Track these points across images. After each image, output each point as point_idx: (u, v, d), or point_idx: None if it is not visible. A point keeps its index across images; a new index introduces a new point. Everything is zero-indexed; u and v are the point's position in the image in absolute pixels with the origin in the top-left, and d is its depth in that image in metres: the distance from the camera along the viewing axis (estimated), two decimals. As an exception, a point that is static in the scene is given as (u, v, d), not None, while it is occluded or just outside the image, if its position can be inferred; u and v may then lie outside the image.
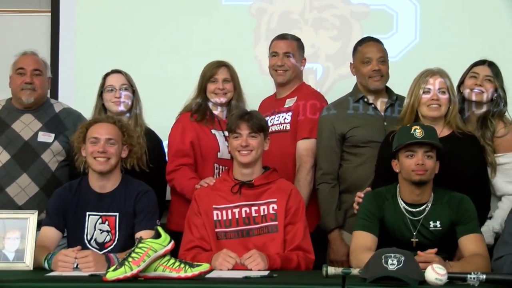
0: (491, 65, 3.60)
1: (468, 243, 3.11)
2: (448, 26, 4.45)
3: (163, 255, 2.84)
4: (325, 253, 3.75)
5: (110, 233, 3.31)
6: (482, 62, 3.62)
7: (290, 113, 3.88)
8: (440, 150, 3.19)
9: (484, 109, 3.60)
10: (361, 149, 3.73)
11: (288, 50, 3.93)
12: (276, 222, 3.27)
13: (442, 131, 3.41)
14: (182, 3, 4.67)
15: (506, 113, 3.60)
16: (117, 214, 3.32)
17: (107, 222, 3.32)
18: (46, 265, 3.07)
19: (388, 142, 3.38)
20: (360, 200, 3.32)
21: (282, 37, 4.00)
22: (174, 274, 2.80)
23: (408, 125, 3.25)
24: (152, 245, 2.82)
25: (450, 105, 3.43)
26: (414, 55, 4.44)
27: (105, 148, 3.31)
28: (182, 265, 2.81)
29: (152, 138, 3.83)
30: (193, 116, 3.81)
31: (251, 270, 3.03)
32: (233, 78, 3.84)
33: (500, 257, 2.98)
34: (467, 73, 3.62)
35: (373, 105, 3.79)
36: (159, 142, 3.93)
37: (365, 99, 3.80)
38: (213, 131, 3.81)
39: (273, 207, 3.30)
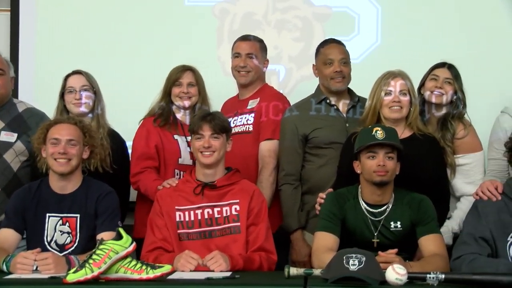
0: (451, 67, 3.65)
1: (428, 243, 3.15)
2: (409, 28, 4.49)
3: (125, 257, 2.81)
4: (287, 253, 3.76)
5: (70, 235, 3.27)
6: (442, 65, 3.66)
7: (252, 114, 3.89)
8: (401, 152, 3.22)
9: (444, 111, 3.64)
10: (323, 150, 3.74)
11: (250, 51, 3.94)
12: (239, 223, 3.27)
13: (403, 133, 3.44)
14: (145, 3, 4.63)
15: (466, 115, 3.64)
16: (78, 215, 3.29)
17: (67, 224, 3.28)
18: (4, 268, 3.02)
19: (350, 143, 3.40)
20: (322, 201, 3.34)
21: (245, 38, 4.01)
22: (135, 276, 2.78)
23: (370, 126, 3.28)
24: (113, 247, 2.80)
25: (411, 107, 3.46)
26: (376, 57, 4.47)
27: (66, 149, 3.28)
28: (144, 267, 2.80)
29: (115, 139, 3.80)
30: (156, 121, 3.80)
31: (213, 271, 3.03)
32: (198, 82, 3.83)
33: (458, 257, 3.02)
34: (428, 75, 3.66)
35: (335, 107, 3.81)
36: (123, 143, 3.90)
37: (328, 101, 3.82)
38: (176, 136, 3.80)
39: (235, 208, 3.30)
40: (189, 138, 3.55)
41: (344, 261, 2.73)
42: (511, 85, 3.96)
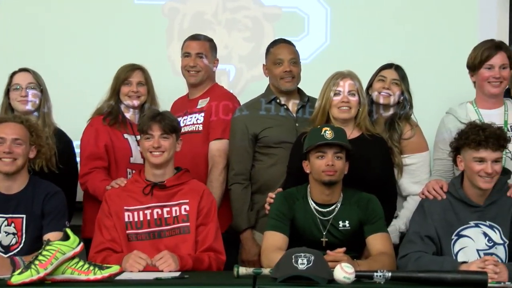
0: (398, 68, 3.70)
1: (375, 242, 3.19)
2: (358, 29, 4.54)
3: (72, 258, 2.78)
4: (236, 253, 3.76)
5: (16, 236, 3.22)
6: (389, 66, 3.71)
7: (202, 114, 3.88)
8: (349, 151, 3.25)
9: (391, 111, 3.69)
10: (273, 150, 3.76)
11: (200, 51, 3.93)
12: (188, 223, 3.26)
13: (352, 133, 3.48)
14: (94, 2, 4.57)
15: (412, 116, 3.70)
16: (24, 216, 3.24)
17: (13, 224, 3.22)
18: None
19: (300, 143, 3.42)
20: (272, 200, 3.35)
21: (195, 37, 4.00)
22: (82, 277, 2.75)
23: (319, 126, 3.30)
24: (60, 247, 2.76)
25: (359, 107, 3.50)
26: (325, 57, 4.51)
27: (11, 149, 3.22)
28: (91, 268, 2.77)
29: (62, 138, 3.75)
30: (106, 120, 3.76)
31: (162, 271, 3.02)
32: (147, 81, 3.81)
33: (405, 255, 3.08)
34: (375, 76, 3.70)
35: (285, 106, 3.83)
36: (69, 142, 3.84)
37: (277, 100, 3.83)
38: (126, 135, 3.77)
39: (185, 208, 3.29)
40: (138, 137, 3.52)
41: (293, 260, 2.75)
42: (456, 86, 4.02)
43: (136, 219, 3.26)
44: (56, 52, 4.52)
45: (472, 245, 3.13)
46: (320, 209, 3.26)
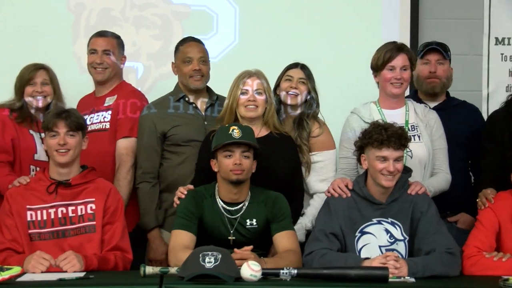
0: (304, 67, 3.75)
1: (282, 239, 3.23)
2: (266, 28, 4.57)
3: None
4: (144, 252, 3.73)
5: None
6: (295, 65, 3.75)
7: (109, 112, 3.84)
8: (257, 150, 3.28)
9: (299, 110, 3.73)
10: (182, 148, 3.75)
11: (107, 48, 3.88)
12: (94, 222, 3.22)
13: (260, 132, 3.51)
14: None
15: (319, 114, 3.76)
16: None
17: None
18: None
19: (208, 141, 3.43)
20: (182, 195, 3.34)
21: (101, 34, 3.94)
22: (-19, 279, 2.67)
23: (227, 125, 3.32)
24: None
25: (267, 106, 3.53)
26: (234, 56, 4.52)
27: None
28: (-9, 269, 2.70)
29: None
30: (13, 115, 3.67)
31: (66, 272, 2.96)
32: (52, 80, 3.73)
33: (310, 252, 3.13)
34: (282, 76, 3.74)
35: (193, 105, 3.82)
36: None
37: (186, 99, 3.82)
38: (31, 131, 3.69)
39: (91, 207, 3.25)
40: (43, 135, 3.44)
41: (200, 259, 2.76)
42: (361, 86, 4.11)
43: (39, 218, 3.19)
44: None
45: (374, 242, 3.21)
46: (227, 207, 3.28)
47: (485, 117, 4.06)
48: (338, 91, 4.41)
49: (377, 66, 3.55)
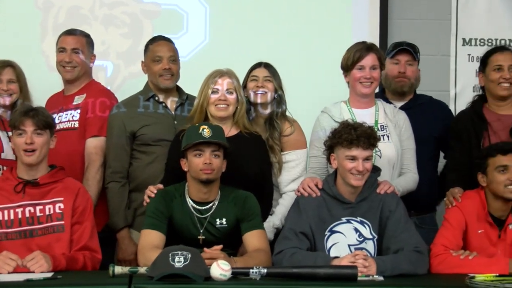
0: (268, 66, 3.74)
1: (252, 239, 3.23)
2: (236, 27, 4.57)
3: None
4: (113, 252, 3.71)
5: None
6: (258, 65, 3.74)
7: (78, 111, 3.81)
8: (227, 149, 3.28)
9: (269, 109, 3.73)
10: (151, 148, 3.73)
11: (76, 46, 3.86)
12: (62, 222, 3.20)
13: (230, 131, 3.51)
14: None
15: (287, 112, 3.76)
16: None
17: None
18: None
19: (178, 141, 3.42)
20: (152, 194, 3.32)
21: (70, 32, 3.92)
22: None
23: (197, 124, 3.31)
24: None
25: (237, 105, 3.53)
26: (204, 55, 4.52)
27: None
28: (-44, 271, 2.66)
29: None
30: None
31: (33, 272, 2.93)
32: (19, 78, 3.70)
33: (280, 251, 3.14)
34: (248, 77, 3.74)
35: (163, 104, 3.81)
36: None
37: (156, 98, 3.81)
38: (-3, 129, 3.65)
39: (59, 206, 3.22)
40: (10, 133, 3.40)
41: (170, 258, 2.76)
42: (331, 86, 4.13)
43: (6, 218, 3.16)
44: None
45: (344, 241, 3.23)
46: (197, 207, 3.27)
47: (453, 117, 4.11)
48: (308, 90, 4.43)
49: (347, 66, 3.57)
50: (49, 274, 2.91)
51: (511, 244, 3.28)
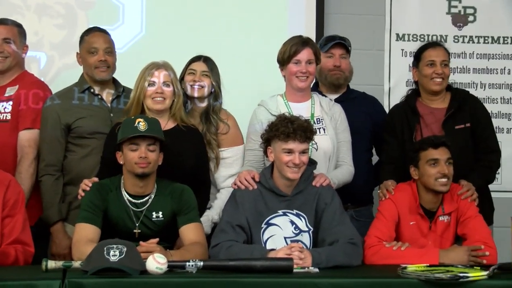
0: (207, 60, 3.74)
1: (188, 232, 3.22)
2: (173, 20, 4.54)
3: None
4: (47, 246, 3.66)
5: None
6: (198, 58, 3.74)
7: (10, 102, 3.74)
8: (163, 143, 3.26)
9: (205, 103, 3.73)
10: (87, 140, 3.69)
11: (8, 36, 3.77)
12: (-7, 216, 3.13)
13: (167, 124, 3.49)
14: None
15: (226, 108, 3.77)
16: None
17: None
18: None
19: (114, 133, 3.38)
20: (87, 188, 3.29)
21: (2, 22, 3.82)
22: None
23: (133, 117, 3.28)
24: None
25: (174, 98, 3.51)
26: (141, 47, 4.47)
27: None
28: None
29: None
30: None
31: (-37, 268, 2.87)
32: None
33: (216, 244, 3.14)
34: (186, 70, 3.72)
35: (99, 96, 3.77)
36: None
37: (91, 90, 3.76)
38: None
39: (-11, 200, 3.14)
40: None
41: (105, 252, 2.73)
42: (268, 79, 4.16)
43: None
44: None
45: (280, 233, 3.26)
46: (133, 200, 3.25)
47: (387, 111, 4.18)
48: (245, 84, 4.43)
49: (283, 60, 3.60)
50: (-21, 270, 2.85)
51: (441, 235, 3.38)
